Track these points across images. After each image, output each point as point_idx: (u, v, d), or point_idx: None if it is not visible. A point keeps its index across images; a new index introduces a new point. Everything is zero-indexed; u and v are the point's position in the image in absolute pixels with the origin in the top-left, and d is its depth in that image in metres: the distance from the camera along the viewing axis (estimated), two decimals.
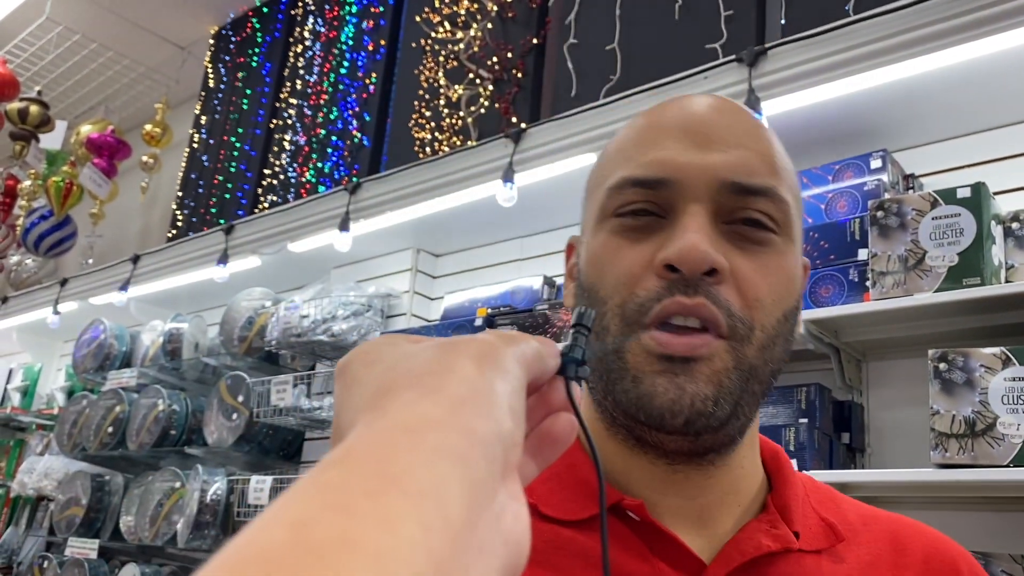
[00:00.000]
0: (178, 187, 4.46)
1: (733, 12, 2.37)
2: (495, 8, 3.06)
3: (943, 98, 1.99)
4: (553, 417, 0.43)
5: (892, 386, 2.03)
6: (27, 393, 5.01)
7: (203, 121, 4.47)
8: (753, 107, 2.01)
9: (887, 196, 1.90)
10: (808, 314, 1.85)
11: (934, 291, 1.73)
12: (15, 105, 4.75)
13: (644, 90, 2.31)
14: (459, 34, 3.16)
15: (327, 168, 3.56)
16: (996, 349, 1.60)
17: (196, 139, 4.46)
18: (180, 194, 4.42)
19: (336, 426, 0.38)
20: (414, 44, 3.33)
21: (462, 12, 3.17)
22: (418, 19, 3.33)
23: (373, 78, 3.51)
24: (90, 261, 4.91)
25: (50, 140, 4.99)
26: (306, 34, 3.99)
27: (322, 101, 3.73)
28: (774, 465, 0.68)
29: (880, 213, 1.83)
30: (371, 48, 3.58)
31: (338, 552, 0.25)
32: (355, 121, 3.52)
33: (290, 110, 3.89)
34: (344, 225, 2.96)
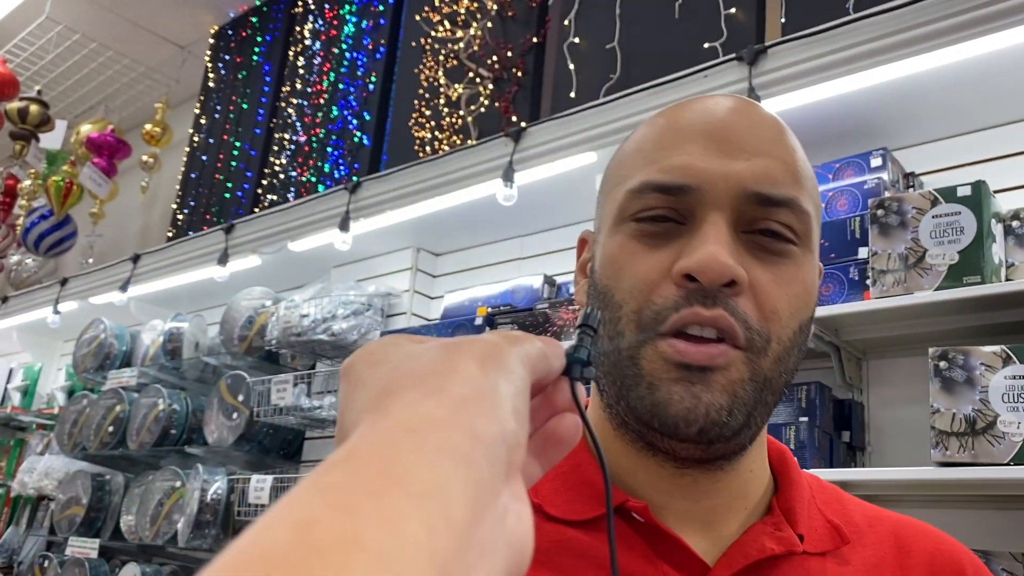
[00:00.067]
0: (178, 187, 4.46)
1: (733, 11, 2.37)
2: (495, 7, 3.06)
3: (943, 96, 1.99)
4: (558, 418, 0.43)
5: (892, 384, 2.03)
6: (27, 393, 5.00)
7: (203, 120, 4.47)
8: None
9: (887, 194, 1.90)
10: None
11: (934, 289, 1.73)
12: (15, 104, 4.75)
13: (644, 89, 2.31)
14: (459, 33, 3.16)
15: (327, 167, 3.56)
16: (996, 347, 1.60)
17: (196, 138, 4.46)
18: (180, 194, 4.42)
19: (340, 426, 0.38)
20: (414, 43, 3.33)
21: (462, 11, 3.17)
22: (418, 18, 3.33)
23: (373, 77, 3.51)
24: (90, 261, 4.91)
25: (50, 140, 4.99)
26: (306, 33, 3.98)
27: (322, 100, 3.73)
28: (780, 466, 0.68)
29: (880, 211, 1.83)
30: (371, 47, 3.58)
31: (341, 552, 0.25)
32: (355, 120, 3.52)
33: (290, 109, 3.89)
34: (344, 224, 2.96)
